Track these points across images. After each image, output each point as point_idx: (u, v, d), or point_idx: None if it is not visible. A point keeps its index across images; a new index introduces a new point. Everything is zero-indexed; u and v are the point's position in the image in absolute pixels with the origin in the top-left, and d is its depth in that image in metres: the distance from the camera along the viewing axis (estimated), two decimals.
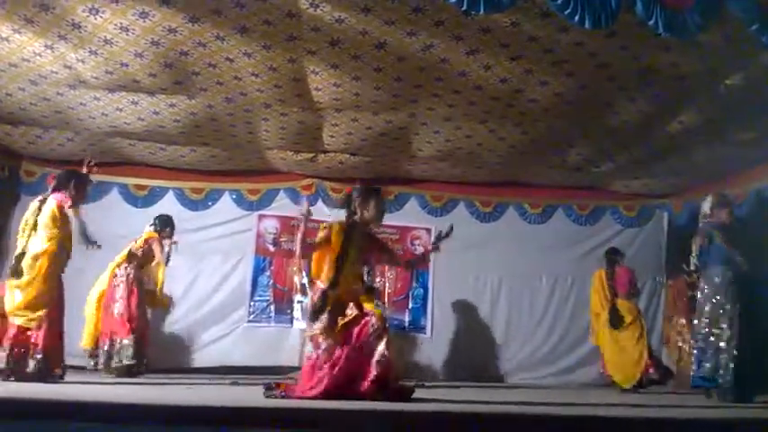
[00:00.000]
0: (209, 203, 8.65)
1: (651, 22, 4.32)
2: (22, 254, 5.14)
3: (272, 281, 8.59)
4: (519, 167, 8.35)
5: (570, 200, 9.07)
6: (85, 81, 6.24)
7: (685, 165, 7.80)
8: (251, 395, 4.53)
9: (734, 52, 5.22)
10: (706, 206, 5.92)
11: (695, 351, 5.78)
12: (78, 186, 5.43)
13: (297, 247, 4.78)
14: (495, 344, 8.65)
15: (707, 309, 5.67)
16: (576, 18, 4.22)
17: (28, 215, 5.31)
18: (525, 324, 8.76)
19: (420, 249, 8.80)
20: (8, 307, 5.09)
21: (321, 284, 4.53)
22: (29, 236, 5.20)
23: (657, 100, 6.26)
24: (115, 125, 7.26)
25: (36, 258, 5.10)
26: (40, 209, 5.25)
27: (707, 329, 5.60)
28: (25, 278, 5.06)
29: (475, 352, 8.53)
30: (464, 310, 8.69)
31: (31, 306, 5.03)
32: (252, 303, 8.50)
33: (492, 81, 5.96)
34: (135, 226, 7.37)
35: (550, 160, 8.03)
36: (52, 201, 5.26)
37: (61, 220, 5.21)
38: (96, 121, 7.18)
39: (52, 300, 5.13)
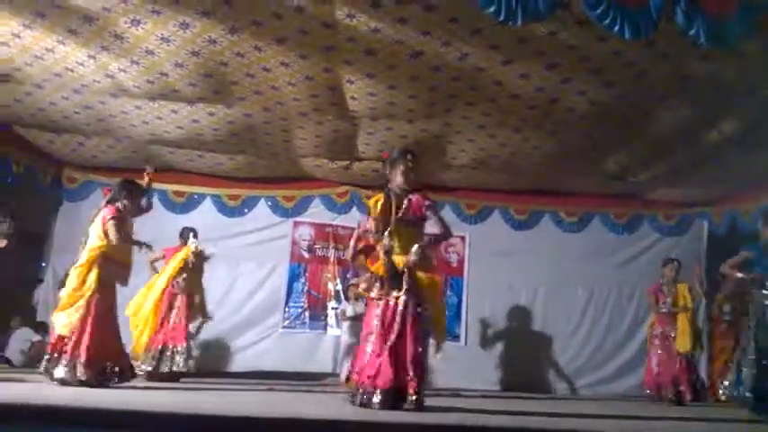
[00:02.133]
0: (246, 210, 8.76)
1: (692, 32, 4.28)
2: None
3: (306, 287, 8.65)
4: (554, 176, 8.28)
5: (607, 208, 8.96)
6: (127, 90, 6.37)
7: (724, 173, 7.66)
8: (285, 403, 4.56)
9: None
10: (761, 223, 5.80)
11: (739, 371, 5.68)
12: (130, 197, 5.38)
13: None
14: (529, 353, 8.57)
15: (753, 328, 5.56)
16: (616, 28, 4.19)
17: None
18: (561, 334, 8.67)
19: (455, 257, 8.79)
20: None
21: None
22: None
23: (696, 109, 6.17)
24: (155, 133, 7.39)
25: (77, 268, 5.17)
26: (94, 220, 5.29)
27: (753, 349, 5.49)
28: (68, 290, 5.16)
29: (509, 361, 8.46)
30: (498, 319, 8.64)
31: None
32: (286, 309, 8.57)
33: (528, 90, 5.94)
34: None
35: (587, 169, 7.95)
36: (101, 212, 5.27)
37: (105, 232, 5.17)
38: (137, 129, 7.32)
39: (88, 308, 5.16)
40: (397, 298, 4.18)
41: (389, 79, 5.89)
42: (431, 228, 4.42)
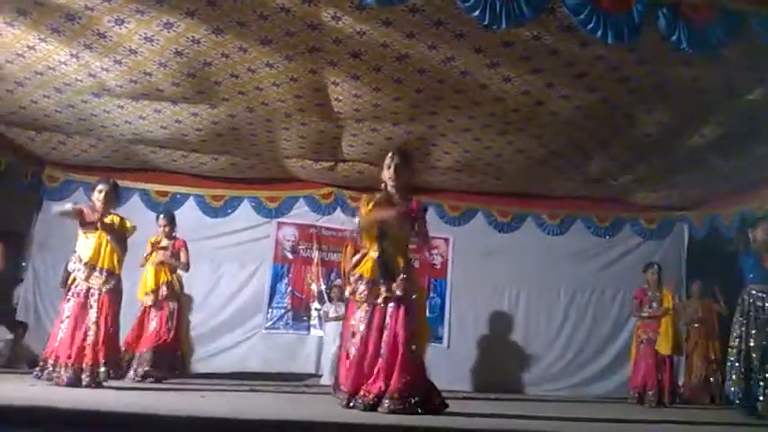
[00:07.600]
0: (229, 210, 8.71)
1: (674, 38, 4.33)
2: None
3: (289, 288, 8.63)
4: (538, 179, 8.32)
5: (589, 211, 9.02)
6: (109, 89, 6.32)
7: (706, 178, 7.74)
8: (266, 405, 4.54)
9: (755, 67, 5.19)
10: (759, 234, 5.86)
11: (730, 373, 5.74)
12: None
13: None
14: (512, 355, 8.61)
15: (739, 329, 5.63)
16: (599, 33, 4.22)
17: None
18: (543, 336, 8.72)
19: (438, 259, 8.80)
20: None
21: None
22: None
23: (678, 113, 6.23)
24: (138, 133, 7.34)
25: None
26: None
27: (738, 350, 5.55)
28: None
29: (492, 363, 8.50)
30: (481, 321, 8.67)
31: None
32: (269, 310, 8.54)
33: (512, 93, 5.96)
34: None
35: (570, 172, 8.00)
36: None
37: None
38: (119, 129, 7.27)
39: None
40: (387, 298, 4.17)
41: (374, 81, 5.88)
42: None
